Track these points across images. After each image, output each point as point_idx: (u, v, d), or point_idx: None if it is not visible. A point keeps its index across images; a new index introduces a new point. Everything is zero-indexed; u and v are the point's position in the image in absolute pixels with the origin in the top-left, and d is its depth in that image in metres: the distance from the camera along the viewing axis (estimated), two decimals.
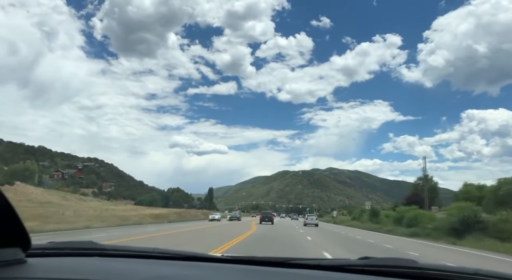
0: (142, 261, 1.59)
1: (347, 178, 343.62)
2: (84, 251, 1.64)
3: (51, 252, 1.59)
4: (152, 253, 1.64)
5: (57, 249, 1.64)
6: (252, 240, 17.59)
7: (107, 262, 1.52)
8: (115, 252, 1.66)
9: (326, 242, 18.83)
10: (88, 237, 15.35)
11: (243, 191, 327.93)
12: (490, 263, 12.73)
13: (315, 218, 45.62)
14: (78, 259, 1.54)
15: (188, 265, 1.53)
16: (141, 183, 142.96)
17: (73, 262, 1.49)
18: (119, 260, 1.58)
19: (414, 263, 1.40)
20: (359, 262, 1.46)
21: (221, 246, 13.64)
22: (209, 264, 1.56)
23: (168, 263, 1.56)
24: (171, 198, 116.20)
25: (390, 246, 18.06)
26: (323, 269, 1.47)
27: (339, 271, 1.45)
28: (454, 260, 12.45)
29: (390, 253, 14.00)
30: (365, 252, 13.82)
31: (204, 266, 1.51)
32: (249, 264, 1.54)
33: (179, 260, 1.61)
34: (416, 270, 1.36)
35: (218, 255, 1.69)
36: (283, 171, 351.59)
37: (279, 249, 13.74)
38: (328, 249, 14.39)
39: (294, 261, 1.53)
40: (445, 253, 15.94)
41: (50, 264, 1.38)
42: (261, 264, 1.54)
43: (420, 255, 13.80)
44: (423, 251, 15.93)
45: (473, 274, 1.30)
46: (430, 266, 1.38)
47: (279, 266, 1.51)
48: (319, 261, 1.51)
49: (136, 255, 1.64)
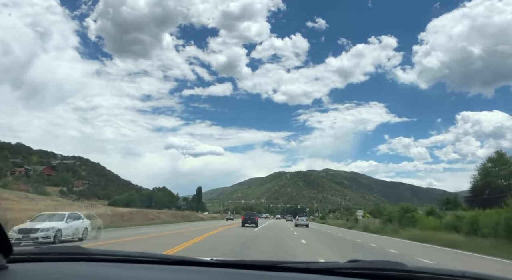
0: (129, 265, 1.55)
1: (343, 179, 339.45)
2: (70, 256, 1.59)
3: (35, 257, 1.54)
4: (140, 257, 1.61)
5: (41, 254, 1.59)
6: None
7: (93, 267, 1.47)
8: (102, 256, 1.62)
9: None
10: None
11: (238, 192, 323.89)
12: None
13: (305, 219, 48.79)
14: (64, 264, 1.50)
15: (176, 269, 1.51)
16: (127, 182, 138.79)
17: (58, 267, 1.45)
18: (106, 264, 1.54)
19: (402, 266, 1.40)
20: (348, 265, 1.46)
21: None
22: (197, 268, 1.53)
23: (155, 267, 1.53)
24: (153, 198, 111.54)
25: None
26: (312, 272, 1.45)
27: (328, 274, 1.44)
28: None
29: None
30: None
31: (192, 270, 1.49)
32: (237, 268, 1.52)
33: (167, 264, 1.59)
34: (404, 273, 1.36)
35: (206, 259, 1.63)
36: (279, 172, 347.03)
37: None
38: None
39: (283, 264, 1.51)
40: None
41: (33, 269, 1.35)
42: (249, 268, 1.52)
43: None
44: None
45: (461, 277, 1.31)
46: (419, 269, 1.38)
47: (268, 270, 1.49)
48: (308, 264, 1.49)
49: (123, 260, 1.61)
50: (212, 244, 16.20)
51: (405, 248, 18.40)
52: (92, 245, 14.29)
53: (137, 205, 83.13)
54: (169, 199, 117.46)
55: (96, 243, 16.16)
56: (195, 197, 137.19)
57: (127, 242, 17.00)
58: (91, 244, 14.70)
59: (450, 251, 16.78)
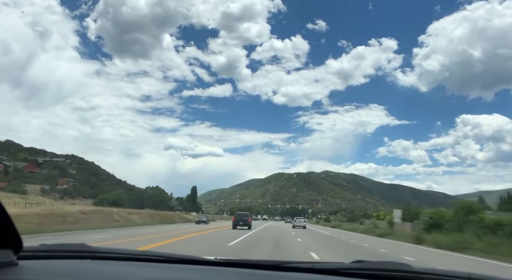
0: (135, 264, 1.56)
1: (343, 181, 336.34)
2: (76, 254, 1.61)
3: (42, 254, 1.56)
4: (145, 256, 1.63)
5: (48, 251, 1.60)
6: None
7: (99, 265, 1.49)
8: (108, 254, 1.63)
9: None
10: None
11: (237, 193, 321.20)
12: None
13: (303, 221, 49.84)
14: (70, 262, 1.52)
15: (181, 268, 1.53)
16: (121, 182, 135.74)
17: (65, 265, 1.47)
18: (111, 262, 1.56)
19: (407, 267, 1.40)
20: (352, 266, 1.45)
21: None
22: (202, 267, 1.54)
23: (161, 266, 1.54)
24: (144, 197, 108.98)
25: None
26: (316, 272, 1.46)
27: (332, 274, 1.44)
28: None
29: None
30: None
31: (197, 269, 1.50)
32: (242, 267, 1.53)
33: (172, 263, 1.60)
34: (410, 274, 1.36)
35: (211, 258, 1.64)
36: (278, 174, 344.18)
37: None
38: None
39: (287, 264, 1.52)
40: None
41: (41, 266, 1.37)
42: (254, 267, 1.53)
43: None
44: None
45: (467, 278, 1.31)
46: (424, 270, 1.38)
47: (272, 269, 1.50)
48: (312, 264, 1.50)
49: (128, 258, 1.63)
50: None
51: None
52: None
53: (125, 204, 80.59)
54: (161, 198, 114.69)
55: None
56: (189, 197, 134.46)
57: None
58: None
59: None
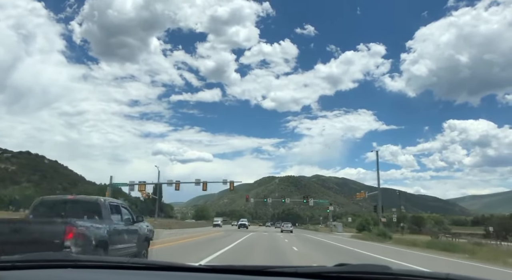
0: (117, 272, 1.55)
1: (334, 185, 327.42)
2: (57, 263, 1.58)
3: (22, 264, 1.52)
4: (127, 263, 1.62)
5: (29, 261, 1.57)
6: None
7: (81, 274, 1.48)
8: (89, 263, 1.62)
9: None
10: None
11: (225, 198, 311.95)
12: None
13: (290, 225, 53.80)
14: (51, 271, 1.49)
15: (164, 275, 1.52)
16: (82, 178, 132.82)
17: (46, 275, 1.44)
18: (93, 271, 1.54)
19: (387, 269, 1.44)
20: (335, 269, 1.48)
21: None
22: (186, 273, 1.53)
23: (143, 273, 1.53)
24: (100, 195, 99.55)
25: None
26: (300, 276, 1.47)
27: (316, 278, 1.46)
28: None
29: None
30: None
31: (180, 276, 1.50)
32: (226, 273, 1.52)
33: (155, 270, 1.58)
34: (390, 276, 1.40)
35: (195, 265, 1.64)
36: (268, 177, 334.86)
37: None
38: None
39: (271, 269, 1.53)
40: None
41: (22, 277, 1.34)
42: (239, 273, 1.52)
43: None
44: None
45: (444, 279, 1.35)
46: (403, 272, 1.42)
47: (256, 275, 1.51)
48: (296, 269, 1.51)
49: (110, 266, 1.60)
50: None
51: None
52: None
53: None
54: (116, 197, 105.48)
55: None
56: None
57: None
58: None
59: None
